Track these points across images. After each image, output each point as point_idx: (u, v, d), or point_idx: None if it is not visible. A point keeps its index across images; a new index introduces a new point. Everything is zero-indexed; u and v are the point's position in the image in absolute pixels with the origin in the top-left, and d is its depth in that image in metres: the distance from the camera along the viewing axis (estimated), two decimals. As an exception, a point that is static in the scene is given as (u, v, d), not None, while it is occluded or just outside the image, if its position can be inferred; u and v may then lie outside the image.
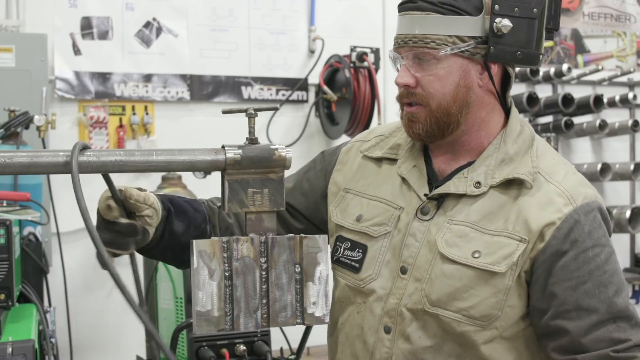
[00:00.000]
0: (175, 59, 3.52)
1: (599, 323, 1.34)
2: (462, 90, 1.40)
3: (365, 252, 1.49)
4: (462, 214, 1.41)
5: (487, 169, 1.43)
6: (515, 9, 1.38)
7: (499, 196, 1.41)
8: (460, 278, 1.38)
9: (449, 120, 1.42)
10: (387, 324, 1.44)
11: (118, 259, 1.35)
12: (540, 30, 1.42)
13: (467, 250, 1.38)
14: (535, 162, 1.42)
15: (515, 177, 1.40)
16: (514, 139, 1.45)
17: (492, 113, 1.46)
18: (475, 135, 1.46)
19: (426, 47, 1.38)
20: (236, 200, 1.11)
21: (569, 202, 1.37)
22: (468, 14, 1.37)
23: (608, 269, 1.36)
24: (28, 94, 3.00)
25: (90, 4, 3.36)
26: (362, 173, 1.57)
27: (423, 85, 1.41)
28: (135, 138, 3.42)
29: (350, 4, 3.82)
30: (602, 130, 4.10)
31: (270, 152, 1.12)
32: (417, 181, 1.48)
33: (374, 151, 1.58)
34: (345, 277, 1.53)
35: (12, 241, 2.00)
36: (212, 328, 1.10)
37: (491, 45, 1.37)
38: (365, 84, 3.53)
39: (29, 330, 1.99)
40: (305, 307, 1.12)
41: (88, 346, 3.34)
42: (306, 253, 1.12)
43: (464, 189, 1.42)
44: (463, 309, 1.37)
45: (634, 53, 4.63)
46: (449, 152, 1.48)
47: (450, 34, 1.37)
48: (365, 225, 1.50)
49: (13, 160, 1.06)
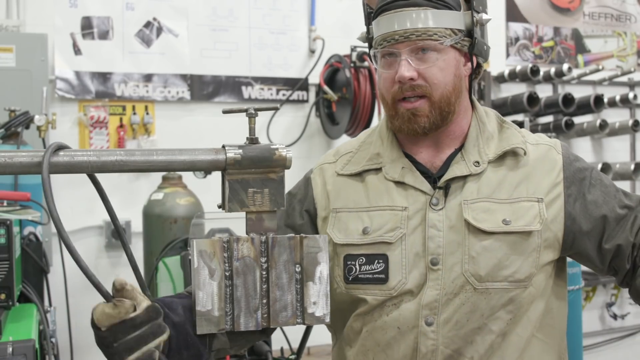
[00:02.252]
0: (176, 59, 3.52)
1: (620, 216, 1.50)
2: (457, 80, 1.49)
3: (387, 260, 1.48)
4: (473, 192, 1.48)
5: (479, 149, 1.52)
6: (480, 7, 1.50)
7: (499, 169, 1.50)
8: (500, 248, 1.44)
9: (449, 109, 1.49)
10: (428, 317, 1.44)
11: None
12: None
13: (496, 220, 1.46)
14: (522, 133, 1.55)
15: (510, 148, 1.51)
16: (487, 120, 1.56)
17: (467, 102, 1.56)
18: (459, 123, 1.54)
19: (430, 40, 1.44)
20: (236, 200, 1.11)
21: (557, 152, 1.53)
22: (455, 8, 1.47)
23: (608, 182, 1.54)
24: (28, 93, 3.00)
25: (91, 4, 3.36)
26: (345, 191, 1.57)
27: (427, 77, 1.46)
28: (136, 138, 3.42)
29: (351, 3, 3.82)
30: (603, 130, 4.10)
31: (270, 152, 1.12)
32: (413, 179, 1.51)
33: (349, 168, 1.58)
34: (371, 291, 1.49)
35: (12, 241, 2.00)
36: (212, 328, 1.09)
37: (476, 37, 1.48)
38: (365, 84, 3.53)
39: (30, 330, 1.99)
40: (306, 307, 1.12)
41: (88, 346, 3.34)
42: (306, 253, 1.12)
43: (468, 170, 1.49)
44: (509, 276, 1.44)
45: (634, 53, 4.63)
46: (433, 144, 1.54)
47: (447, 26, 1.45)
48: (378, 235, 1.49)
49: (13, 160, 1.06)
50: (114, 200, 3.67)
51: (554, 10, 4.41)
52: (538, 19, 4.37)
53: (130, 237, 3.43)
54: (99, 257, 3.40)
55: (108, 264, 3.43)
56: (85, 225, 3.34)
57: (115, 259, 3.44)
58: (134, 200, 3.35)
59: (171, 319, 1.15)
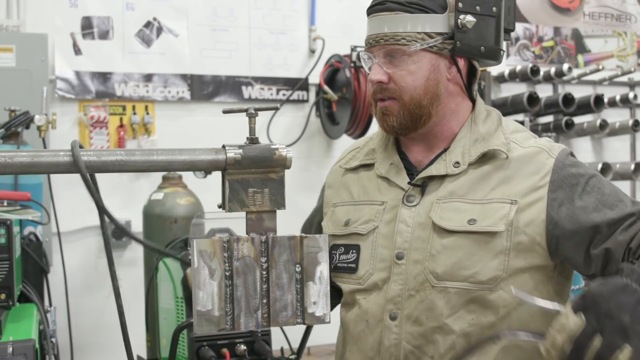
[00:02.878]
0: (176, 59, 3.52)
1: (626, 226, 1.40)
2: (432, 84, 1.49)
3: (359, 251, 1.55)
4: (448, 192, 1.49)
5: (463, 149, 1.51)
6: (477, 7, 1.48)
7: (478, 170, 1.49)
8: (460, 247, 1.43)
9: (421, 112, 1.50)
10: (392, 311, 1.48)
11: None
12: (499, 27, 1.54)
13: (462, 220, 1.45)
14: (507, 135, 1.52)
15: (489, 149, 1.49)
16: (483, 120, 1.55)
17: (461, 104, 1.55)
18: (447, 125, 1.54)
19: (397, 44, 1.47)
20: (237, 200, 1.11)
21: (550, 155, 1.47)
22: (434, 11, 1.47)
23: (608, 190, 1.45)
24: (28, 93, 3.00)
25: (91, 4, 3.36)
26: (344, 186, 1.66)
27: (396, 80, 1.49)
28: (136, 138, 3.42)
29: (351, 3, 3.82)
30: (603, 130, 4.10)
31: (270, 152, 1.12)
32: (396, 175, 1.56)
33: (351, 163, 1.67)
34: (345, 280, 1.57)
35: (12, 241, 2.00)
36: (212, 328, 1.10)
37: (457, 40, 1.47)
38: (365, 84, 3.53)
39: (30, 330, 1.99)
40: (306, 306, 1.12)
41: (88, 346, 3.34)
42: (306, 253, 1.12)
43: (445, 169, 1.50)
44: (470, 276, 1.42)
45: (634, 53, 4.63)
46: (423, 144, 1.56)
47: (419, 30, 1.46)
48: (353, 227, 1.57)
49: (14, 160, 1.06)
50: (114, 200, 3.70)
51: (554, 10, 4.41)
52: (538, 19, 4.37)
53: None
54: (99, 256, 3.40)
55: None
56: (85, 225, 3.34)
57: (116, 258, 3.42)
58: (134, 200, 3.35)
59: None
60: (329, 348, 3.38)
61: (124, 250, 3.48)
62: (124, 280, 3.46)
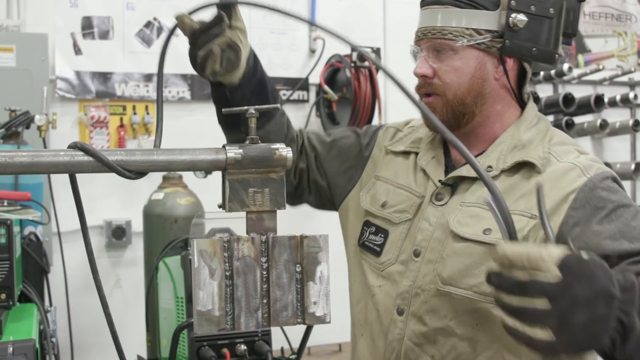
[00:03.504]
0: (176, 59, 3.50)
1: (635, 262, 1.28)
2: (477, 82, 1.46)
3: (387, 237, 1.55)
4: (474, 196, 1.45)
5: (499, 154, 1.47)
6: (531, 7, 1.43)
7: (510, 178, 1.44)
8: (470, 254, 1.41)
9: (464, 110, 1.47)
10: (400, 306, 1.49)
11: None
12: (556, 30, 1.47)
13: (478, 228, 1.41)
14: (548, 147, 1.45)
15: (525, 160, 1.43)
16: (527, 128, 1.49)
17: (507, 107, 1.51)
18: (490, 127, 1.50)
19: (444, 39, 1.44)
20: (237, 199, 1.11)
21: (583, 174, 1.38)
22: (485, 8, 1.43)
23: (637, 224, 1.32)
24: (29, 93, 3.00)
25: (91, 4, 3.36)
26: (391, 162, 1.64)
27: (440, 76, 1.47)
28: (136, 138, 3.42)
29: (351, 3, 3.82)
30: (603, 130, 4.10)
31: (271, 152, 1.12)
32: (434, 170, 1.54)
33: (397, 146, 1.65)
34: (368, 260, 1.58)
35: (12, 241, 2.00)
36: (212, 328, 1.09)
37: (506, 39, 1.43)
38: (366, 84, 3.53)
39: (30, 329, 1.99)
40: (306, 306, 1.12)
41: (89, 346, 3.34)
42: (307, 253, 1.12)
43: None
44: (474, 285, 1.40)
45: (634, 53, 4.63)
46: (465, 144, 1.46)
47: (467, 26, 1.43)
48: (388, 212, 1.56)
49: (14, 160, 1.06)
50: (114, 200, 3.69)
51: (555, 10, 4.41)
52: (538, 19, 4.37)
53: (131, 237, 3.43)
54: (99, 256, 3.40)
55: (108, 263, 3.43)
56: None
57: (116, 258, 3.44)
58: (134, 200, 3.35)
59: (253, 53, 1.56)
60: (330, 348, 3.38)
61: (124, 250, 3.48)
62: (124, 280, 3.46)
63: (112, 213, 3.40)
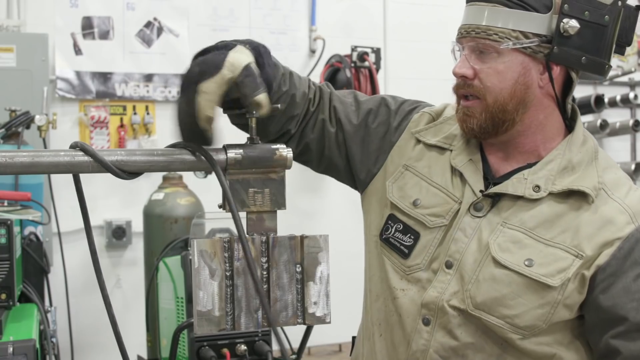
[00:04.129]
0: (176, 59, 3.52)
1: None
2: (520, 88, 1.36)
3: (417, 239, 1.45)
4: (518, 217, 1.37)
5: (548, 174, 1.37)
6: (585, 13, 1.33)
7: (558, 205, 1.36)
8: (509, 284, 1.34)
9: (505, 117, 1.37)
10: (426, 316, 1.41)
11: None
12: (610, 39, 1.37)
13: (520, 257, 1.34)
14: (601, 176, 1.37)
15: (578, 189, 1.35)
16: (578, 147, 1.40)
17: (550, 117, 1.41)
18: (532, 137, 1.41)
19: (488, 39, 1.35)
20: (237, 200, 1.11)
21: (631, 221, 1.32)
22: (536, 10, 1.33)
23: None
24: (29, 93, 3.00)
25: (91, 4, 3.36)
26: (423, 153, 1.52)
27: (481, 78, 1.37)
28: (136, 138, 3.42)
29: (351, 3, 3.82)
30: (603, 130, 4.10)
31: (271, 152, 1.12)
32: (472, 175, 1.43)
33: (428, 137, 1.52)
34: (392, 258, 1.49)
35: (13, 241, 2.00)
36: (213, 328, 1.09)
37: (555, 45, 1.33)
38: (366, 84, 3.53)
39: (30, 329, 1.99)
40: (306, 307, 1.12)
41: (89, 346, 3.34)
42: (307, 253, 1.12)
43: (523, 190, 1.37)
44: (507, 316, 1.34)
45: (634, 53, 4.63)
46: (502, 152, 1.44)
47: (515, 28, 1.33)
48: (421, 213, 1.46)
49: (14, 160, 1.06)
50: (115, 200, 3.70)
51: (555, 10, 4.41)
52: (539, 19, 4.37)
53: (131, 237, 3.43)
54: (100, 256, 3.36)
55: (109, 263, 3.43)
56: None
57: (116, 258, 3.44)
58: (134, 200, 3.35)
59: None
60: (330, 348, 3.38)
61: (124, 250, 3.48)
62: (125, 280, 3.46)
63: (112, 213, 3.40)
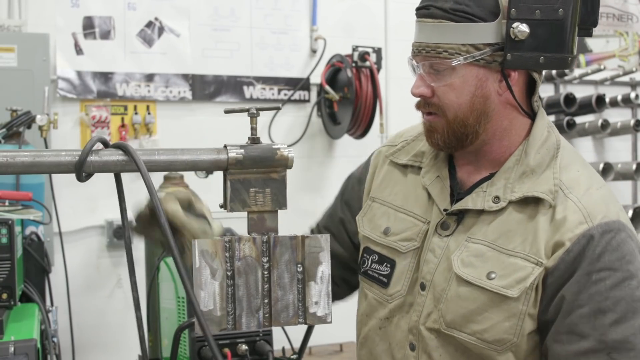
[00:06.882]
0: (177, 59, 3.52)
1: (588, 352, 1.26)
2: (479, 100, 1.33)
3: (394, 267, 1.45)
4: (482, 231, 1.36)
5: (506, 183, 1.35)
6: (536, 12, 1.29)
7: (519, 214, 1.33)
8: (474, 300, 1.32)
9: (466, 131, 1.35)
10: (412, 341, 1.42)
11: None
12: (567, 31, 1.32)
13: (482, 271, 1.33)
14: (558, 177, 1.33)
15: (533, 195, 1.32)
16: (536, 149, 1.36)
17: (515, 122, 1.38)
18: (498, 144, 1.39)
19: (439, 57, 1.32)
20: (238, 200, 1.11)
21: (585, 220, 1.28)
22: (483, 20, 1.29)
23: (613, 295, 1.25)
24: (30, 93, 3.00)
25: (92, 4, 3.36)
26: (388, 181, 1.53)
27: (439, 96, 1.35)
28: (138, 138, 3.42)
29: (352, 3, 3.82)
30: (604, 130, 4.10)
31: (272, 152, 1.12)
32: (439, 194, 1.43)
33: (399, 156, 1.53)
34: (373, 290, 1.49)
35: (14, 241, 2.01)
36: (214, 327, 1.09)
37: (507, 52, 1.29)
38: (367, 84, 3.53)
39: (31, 329, 1.99)
40: (308, 306, 1.12)
41: (90, 345, 3.34)
42: (308, 253, 1.12)
43: (482, 204, 1.36)
44: (477, 332, 1.32)
45: (636, 53, 4.62)
46: (472, 163, 1.43)
47: (464, 42, 1.30)
48: (393, 240, 1.46)
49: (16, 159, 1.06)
50: (115, 200, 3.69)
51: (556, 10, 4.40)
52: (540, 19, 4.37)
53: (132, 236, 3.43)
54: (101, 256, 3.40)
55: (110, 263, 3.43)
56: (86, 225, 3.34)
57: (117, 258, 3.44)
58: (135, 200, 3.35)
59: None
60: (331, 348, 3.38)
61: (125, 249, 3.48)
62: (125, 280, 3.46)
63: (113, 213, 3.40)
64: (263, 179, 1.12)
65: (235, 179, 1.11)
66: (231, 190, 1.11)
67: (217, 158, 1.11)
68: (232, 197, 1.11)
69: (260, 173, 1.12)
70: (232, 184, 1.11)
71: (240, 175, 1.11)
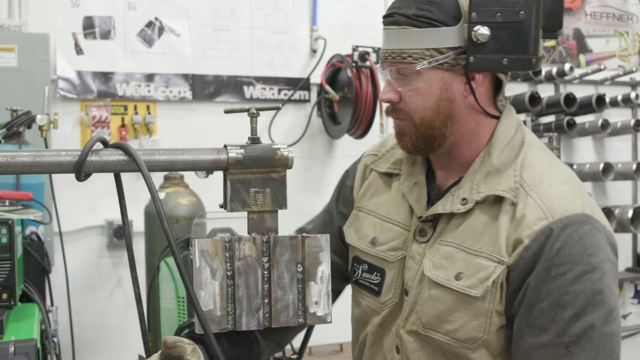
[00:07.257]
0: (178, 59, 3.52)
1: (547, 344, 1.26)
2: (444, 103, 1.36)
3: (384, 275, 1.48)
4: (452, 234, 1.38)
5: (472, 184, 1.38)
6: (497, 15, 1.32)
7: (484, 214, 1.35)
8: (444, 301, 1.35)
9: (434, 133, 1.38)
10: (397, 344, 1.46)
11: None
12: (532, 33, 1.35)
13: (451, 272, 1.35)
14: (518, 175, 1.35)
15: (494, 194, 1.34)
16: (500, 149, 1.38)
17: (482, 123, 1.41)
18: (466, 147, 1.41)
19: (404, 62, 1.36)
20: (238, 200, 1.11)
21: (544, 217, 1.28)
22: (445, 24, 1.33)
23: (572, 289, 1.25)
24: (30, 93, 3.00)
25: (93, 4, 3.36)
26: (373, 190, 1.56)
27: (405, 100, 1.38)
28: (138, 138, 3.42)
29: (352, 3, 3.82)
30: (605, 130, 4.10)
31: (272, 152, 1.12)
32: (416, 201, 1.46)
33: (379, 165, 1.57)
34: (366, 298, 1.53)
35: (14, 240, 2.01)
36: (214, 327, 1.10)
37: (470, 55, 1.32)
38: (367, 84, 3.53)
39: (32, 329, 1.99)
40: (307, 306, 1.12)
41: (90, 345, 3.34)
42: (308, 253, 1.12)
43: (451, 207, 1.38)
44: (450, 332, 1.35)
45: (636, 52, 4.62)
46: (446, 166, 1.45)
47: (427, 46, 1.33)
48: (380, 250, 1.49)
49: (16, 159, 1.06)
50: (116, 200, 3.68)
51: (556, 10, 4.40)
52: (540, 19, 4.37)
53: (132, 236, 3.43)
54: (101, 256, 3.41)
55: (110, 263, 3.43)
56: (86, 225, 3.34)
57: (117, 258, 3.44)
58: (135, 200, 3.34)
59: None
60: (331, 348, 3.38)
61: (125, 250, 3.48)
62: (125, 280, 3.46)
63: (113, 213, 3.40)
64: (263, 179, 1.12)
65: (236, 179, 1.11)
66: (231, 190, 1.11)
67: (217, 158, 1.11)
68: (232, 197, 1.11)
69: (260, 173, 1.12)
70: (232, 184, 1.11)
71: (240, 175, 1.11)
